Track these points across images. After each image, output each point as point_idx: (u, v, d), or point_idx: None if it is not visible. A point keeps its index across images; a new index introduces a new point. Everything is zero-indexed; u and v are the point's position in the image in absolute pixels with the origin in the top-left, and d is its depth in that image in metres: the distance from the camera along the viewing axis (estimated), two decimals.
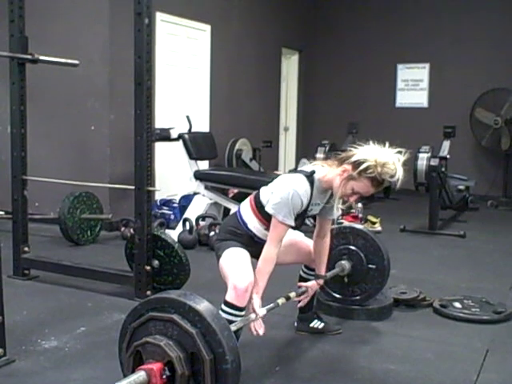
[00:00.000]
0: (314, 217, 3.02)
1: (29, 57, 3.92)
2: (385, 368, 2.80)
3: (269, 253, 2.59)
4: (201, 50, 7.10)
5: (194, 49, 7.01)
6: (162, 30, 6.40)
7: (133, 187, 3.71)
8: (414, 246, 5.55)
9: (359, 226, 3.59)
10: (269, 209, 2.59)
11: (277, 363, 2.83)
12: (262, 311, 2.57)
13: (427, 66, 8.95)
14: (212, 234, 5.16)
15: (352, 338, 3.17)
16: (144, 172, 3.64)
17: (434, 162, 6.11)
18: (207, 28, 7.10)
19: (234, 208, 5.54)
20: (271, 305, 2.67)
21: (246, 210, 2.73)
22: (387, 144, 2.56)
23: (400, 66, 9.14)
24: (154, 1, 3.61)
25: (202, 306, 1.95)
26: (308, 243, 3.02)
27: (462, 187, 7.52)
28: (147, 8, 3.51)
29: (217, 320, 1.93)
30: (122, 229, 5.48)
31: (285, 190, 2.57)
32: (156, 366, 1.87)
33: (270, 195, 2.64)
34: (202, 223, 5.46)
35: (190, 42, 6.93)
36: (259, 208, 2.66)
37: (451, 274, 4.57)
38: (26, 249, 4.15)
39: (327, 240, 2.93)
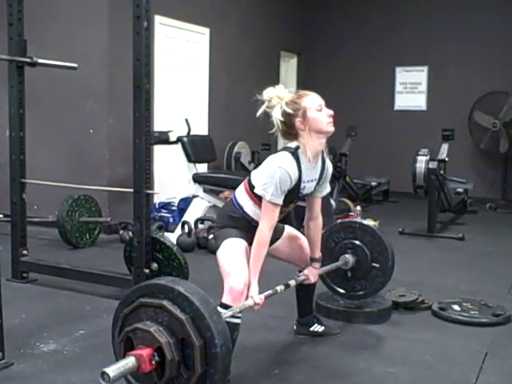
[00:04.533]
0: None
1: (28, 60, 3.92)
2: (384, 371, 2.80)
3: (261, 235, 2.56)
4: (200, 53, 7.11)
5: (193, 52, 7.02)
6: (160, 33, 6.41)
7: (131, 190, 3.70)
8: (412, 249, 5.55)
9: (369, 223, 3.54)
10: (258, 190, 2.59)
11: (275, 366, 2.83)
12: (260, 297, 2.54)
13: (425, 68, 8.97)
14: (211, 236, 5.16)
15: (351, 341, 3.16)
16: (143, 175, 3.64)
17: (433, 165, 6.11)
18: (206, 31, 7.11)
19: None
20: (269, 291, 2.64)
21: (240, 193, 2.72)
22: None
23: (398, 69, 9.15)
24: (153, 4, 3.60)
25: (191, 291, 1.96)
26: (305, 242, 3.00)
27: (460, 190, 7.54)
28: (146, 11, 3.51)
29: (205, 305, 1.94)
30: (121, 232, 5.47)
31: (271, 169, 2.56)
32: (145, 352, 1.88)
33: (259, 176, 2.63)
34: (200, 226, 5.45)
35: (188, 45, 6.93)
36: (252, 190, 2.65)
37: (450, 276, 4.57)
38: (25, 252, 4.14)
39: (319, 222, 2.90)
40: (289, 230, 2.97)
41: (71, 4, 5.91)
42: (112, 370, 1.80)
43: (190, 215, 5.53)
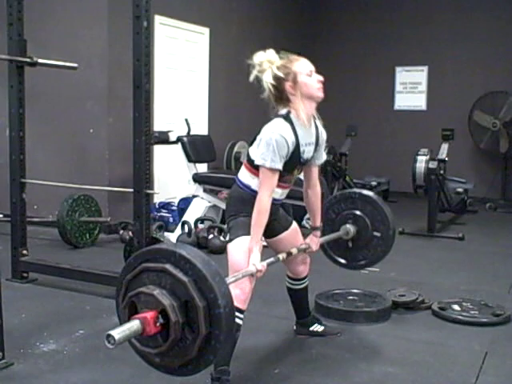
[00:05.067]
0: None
1: (27, 60, 3.93)
2: (384, 371, 2.80)
3: (261, 203, 2.53)
4: (199, 53, 7.11)
5: (193, 52, 7.02)
6: (160, 33, 6.41)
7: (131, 190, 3.71)
8: (412, 249, 5.55)
9: (369, 193, 3.44)
10: (258, 161, 2.55)
11: (275, 366, 2.82)
12: (262, 264, 2.50)
13: (426, 68, 8.97)
14: (211, 236, 5.16)
15: (351, 341, 3.16)
16: (143, 175, 3.64)
17: (433, 165, 6.11)
18: (206, 31, 7.11)
19: None
20: (271, 259, 2.61)
21: (243, 174, 2.68)
22: None
23: (398, 69, 9.15)
24: (153, 4, 3.61)
25: (193, 254, 1.96)
26: (306, 256, 3.00)
27: (460, 190, 7.53)
28: (146, 11, 3.51)
29: (207, 266, 1.93)
30: (121, 232, 5.47)
31: (266, 137, 2.54)
32: (150, 314, 1.87)
33: (256, 148, 2.61)
34: (200, 226, 5.45)
35: (188, 45, 6.93)
36: (255, 166, 2.61)
37: (450, 276, 4.57)
38: (25, 252, 4.14)
39: (317, 190, 2.89)
40: (295, 224, 2.94)
41: (71, 4, 5.91)
42: (117, 333, 1.78)
43: (190, 215, 5.53)
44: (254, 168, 2.61)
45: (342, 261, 3.40)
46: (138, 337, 1.92)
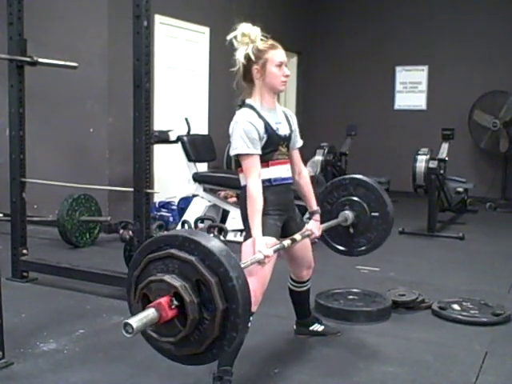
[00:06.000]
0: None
1: (28, 59, 3.93)
2: (383, 370, 2.80)
3: (249, 188, 2.52)
4: (200, 53, 7.10)
5: (193, 51, 7.02)
6: (160, 33, 6.41)
7: (131, 189, 3.71)
8: (412, 249, 5.56)
9: (359, 176, 3.42)
10: (232, 152, 2.57)
11: (275, 366, 2.83)
12: (268, 251, 2.47)
13: (426, 68, 8.96)
14: (211, 236, 5.15)
15: (351, 341, 3.17)
16: (143, 174, 3.64)
17: (433, 165, 6.11)
18: (206, 30, 7.11)
19: (232, 210, 5.54)
20: (277, 246, 2.58)
21: (241, 178, 2.66)
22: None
23: (398, 69, 9.15)
24: (153, 3, 3.61)
25: (195, 233, 1.96)
26: (311, 260, 2.98)
27: (460, 189, 7.53)
28: (146, 11, 3.51)
29: (213, 242, 1.92)
30: (121, 231, 5.44)
31: (233, 128, 2.57)
32: (163, 300, 1.84)
33: (231, 144, 2.61)
34: (200, 225, 5.45)
35: (188, 44, 6.93)
36: (239, 165, 2.61)
37: (450, 276, 4.57)
38: (25, 251, 4.14)
39: (304, 174, 2.88)
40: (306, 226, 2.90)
41: (71, 3, 5.91)
42: (134, 322, 1.74)
43: (190, 214, 5.53)
44: (241, 167, 2.62)
45: (345, 249, 3.36)
46: (156, 328, 1.88)
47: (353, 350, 3.04)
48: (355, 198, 3.27)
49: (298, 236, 2.74)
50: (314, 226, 2.90)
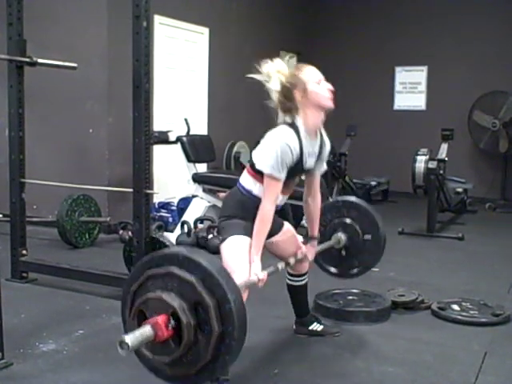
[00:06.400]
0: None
1: (27, 60, 3.92)
2: (383, 370, 2.80)
3: (264, 211, 2.53)
4: (199, 53, 7.11)
5: (193, 52, 7.02)
6: (160, 33, 6.41)
7: (131, 190, 3.71)
8: (412, 249, 5.56)
9: (352, 198, 3.51)
10: (259, 165, 2.55)
11: (275, 366, 2.82)
12: (263, 274, 2.51)
13: (425, 68, 8.97)
14: (210, 236, 5.16)
15: (350, 341, 3.16)
16: (142, 175, 3.64)
17: (432, 165, 6.11)
18: (205, 31, 7.11)
19: None
20: (271, 268, 2.62)
21: (245, 179, 2.67)
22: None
23: (398, 69, 9.15)
24: (153, 4, 3.60)
25: (196, 252, 1.96)
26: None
27: (460, 190, 7.54)
28: (145, 11, 3.51)
29: (213, 263, 1.92)
30: (121, 232, 5.45)
31: (271, 143, 2.54)
32: (161, 318, 1.83)
33: (259, 153, 2.60)
34: (200, 226, 5.45)
35: (188, 44, 6.93)
36: (257, 171, 2.60)
37: (449, 276, 4.57)
38: (24, 252, 4.14)
39: (318, 198, 2.89)
40: (288, 225, 2.94)
41: (71, 4, 5.91)
42: (130, 339, 1.74)
43: (190, 215, 5.53)
44: (257, 173, 2.60)
45: (336, 271, 3.44)
46: (150, 345, 1.87)
47: (353, 350, 3.04)
48: (348, 221, 3.33)
49: (291, 259, 2.84)
50: (310, 251, 2.96)
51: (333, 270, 3.44)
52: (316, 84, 2.60)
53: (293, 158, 2.55)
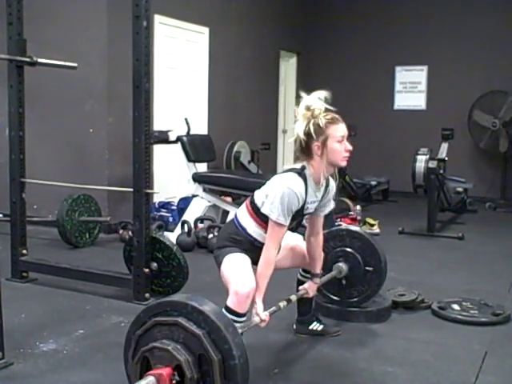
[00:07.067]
0: None
1: (27, 59, 3.92)
2: (383, 370, 2.80)
3: (268, 255, 2.58)
4: (199, 53, 7.10)
5: (193, 51, 7.02)
6: (160, 33, 6.41)
7: (131, 190, 3.71)
8: (412, 248, 5.56)
9: (355, 228, 3.58)
10: (265, 209, 2.57)
11: (275, 365, 2.83)
12: (265, 315, 2.56)
13: (425, 68, 8.97)
14: (210, 236, 5.16)
15: (351, 340, 3.16)
16: (142, 174, 3.64)
17: (433, 165, 6.11)
18: (205, 31, 7.11)
19: (232, 210, 5.54)
20: (273, 308, 2.67)
21: (243, 214, 2.71)
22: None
23: (398, 69, 9.15)
24: (153, 3, 3.61)
25: (205, 305, 1.95)
26: (304, 247, 2.99)
27: (460, 189, 7.54)
28: (145, 11, 3.51)
29: (220, 317, 1.94)
30: (121, 231, 5.47)
31: (279, 189, 2.55)
32: (165, 371, 1.85)
33: (264, 197, 2.62)
34: (200, 225, 5.45)
35: (188, 44, 6.93)
36: (256, 211, 2.64)
37: (450, 276, 4.57)
38: (24, 251, 4.14)
39: (320, 238, 2.91)
40: (287, 240, 2.90)
41: (71, 3, 5.91)
42: None
43: (190, 214, 5.53)
44: (255, 213, 2.64)
45: (336, 298, 3.46)
46: None
47: (353, 350, 3.04)
48: (350, 250, 3.36)
49: (293, 297, 2.88)
50: (311, 288, 2.99)
51: (332, 296, 3.47)
52: (337, 142, 2.61)
53: (298, 206, 2.59)
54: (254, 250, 2.67)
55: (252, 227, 2.67)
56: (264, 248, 2.59)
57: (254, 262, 2.65)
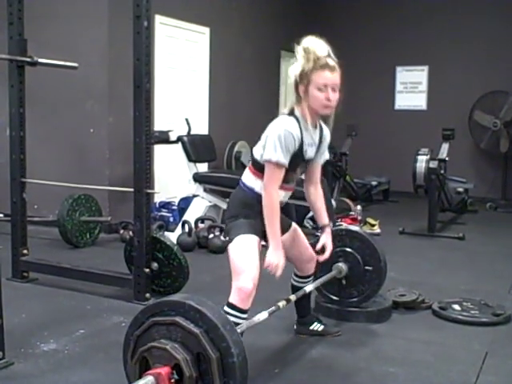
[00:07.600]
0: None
1: (28, 59, 3.92)
2: (384, 370, 2.80)
3: (270, 196, 2.53)
4: (200, 53, 7.11)
5: (193, 51, 7.02)
6: (161, 33, 6.41)
7: (132, 190, 3.71)
8: (412, 249, 5.55)
9: (355, 228, 3.58)
10: (264, 156, 2.54)
11: (276, 365, 2.83)
12: (263, 315, 2.54)
13: (426, 68, 8.97)
14: (211, 236, 5.16)
15: (351, 341, 3.16)
16: (143, 174, 3.64)
17: (433, 165, 6.11)
18: (206, 31, 7.11)
19: None
20: (272, 308, 2.66)
21: (247, 177, 2.68)
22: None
23: (399, 69, 9.15)
24: (154, 3, 3.60)
25: (202, 303, 1.95)
26: (312, 253, 2.97)
27: (460, 189, 7.54)
28: (146, 11, 3.51)
29: (218, 315, 1.93)
30: (121, 231, 5.47)
31: (274, 133, 2.53)
32: (164, 370, 1.86)
33: (262, 149, 2.60)
34: (201, 225, 5.45)
35: (189, 44, 6.93)
36: (258, 168, 2.61)
37: (450, 276, 4.57)
38: (25, 251, 4.14)
39: (319, 187, 2.89)
40: (295, 225, 2.93)
41: (72, 3, 5.91)
42: None
43: (191, 215, 5.53)
44: (258, 170, 2.62)
45: (335, 298, 3.46)
46: None
47: (353, 350, 3.04)
48: (350, 250, 3.36)
49: (292, 296, 2.87)
50: (328, 238, 2.91)
51: (331, 296, 3.47)
52: (317, 89, 2.59)
53: (295, 145, 2.56)
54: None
55: (259, 185, 2.62)
56: (265, 193, 2.54)
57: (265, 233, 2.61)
